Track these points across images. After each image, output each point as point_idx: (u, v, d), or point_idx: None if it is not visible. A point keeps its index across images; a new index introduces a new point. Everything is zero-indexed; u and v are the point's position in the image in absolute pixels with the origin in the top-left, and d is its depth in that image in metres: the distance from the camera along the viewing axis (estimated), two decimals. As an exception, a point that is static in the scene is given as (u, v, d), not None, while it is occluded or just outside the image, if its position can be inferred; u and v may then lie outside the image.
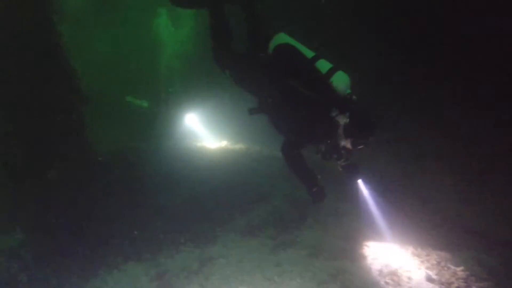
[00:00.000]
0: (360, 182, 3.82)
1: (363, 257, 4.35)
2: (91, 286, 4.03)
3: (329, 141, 3.33)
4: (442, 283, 3.92)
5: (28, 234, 4.78)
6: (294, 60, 3.34)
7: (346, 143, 3.24)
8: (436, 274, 4.08)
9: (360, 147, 3.26)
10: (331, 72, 3.25)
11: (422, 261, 4.35)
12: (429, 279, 4.00)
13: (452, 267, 4.19)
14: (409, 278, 4.03)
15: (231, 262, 4.31)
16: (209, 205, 5.61)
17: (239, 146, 9.34)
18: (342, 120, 3.18)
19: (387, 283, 3.93)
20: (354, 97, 3.24)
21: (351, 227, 4.99)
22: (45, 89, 5.03)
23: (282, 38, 3.53)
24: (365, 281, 3.91)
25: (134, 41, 12.62)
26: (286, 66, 3.34)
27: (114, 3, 12.72)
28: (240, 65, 3.78)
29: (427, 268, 4.22)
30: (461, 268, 4.16)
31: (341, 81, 3.23)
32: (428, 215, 5.30)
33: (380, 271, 4.11)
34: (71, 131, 5.30)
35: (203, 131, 10.21)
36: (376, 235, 4.81)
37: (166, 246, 4.61)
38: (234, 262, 4.31)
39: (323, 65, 3.31)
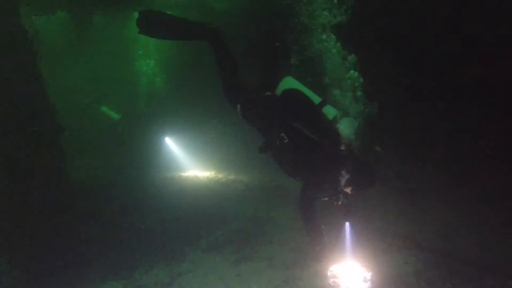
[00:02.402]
0: (347, 224, 4.17)
1: (311, 266, 5.06)
2: (74, 302, 4.58)
3: (329, 184, 3.46)
4: (374, 282, 4.71)
5: (10, 259, 5.22)
6: (302, 105, 3.43)
7: (346, 188, 3.39)
8: (372, 275, 4.87)
9: (358, 195, 3.45)
10: (338, 118, 3.41)
11: (362, 266, 5.14)
12: (365, 280, 4.79)
13: (386, 269, 5.00)
14: (349, 280, 4.80)
15: (197, 276, 4.96)
16: (179, 227, 6.28)
17: (208, 173, 10.03)
18: (344, 167, 3.29)
19: (329, 285, 4.68)
20: (358, 143, 3.37)
21: (303, 241, 5.73)
22: (24, 122, 5.53)
23: (290, 82, 3.60)
24: (311, 285, 4.65)
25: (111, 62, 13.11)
26: (293, 111, 3.42)
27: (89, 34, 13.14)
28: (249, 102, 3.72)
29: (365, 271, 5.01)
30: (393, 269, 4.99)
31: (347, 127, 3.34)
32: (371, 227, 6.12)
33: (325, 276, 4.85)
34: (50, 160, 5.77)
35: (176, 157, 10.75)
36: (324, 247, 5.56)
37: (141, 264, 5.23)
38: (200, 276, 4.97)
39: (330, 111, 3.44)
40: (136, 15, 3.66)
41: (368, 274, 4.88)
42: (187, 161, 10.63)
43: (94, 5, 10.64)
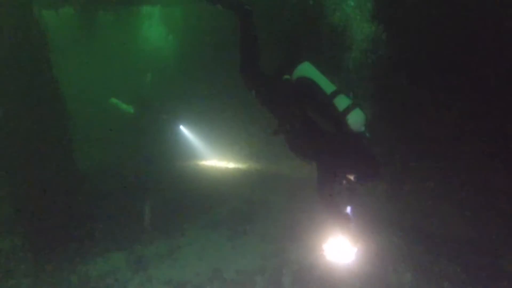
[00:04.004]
0: (349, 208, 4.16)
1: (300, 240, 5.41)
2: (80, 270, 4.96)
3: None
4: (361, 256, 5.02)
5: (25, 234, 5.61)
6: (313, 96, 3.47)
7: (349, 175, 3.49)
8: (358, 250, 5.19)
9: (360, 184, 3.58)
10: (348, 109, 3.39)
11: (350, 242, 5.46)
12: (352, 254, 5.10)
13: (372, 245, 5.33)
14: (336, 253, 5.12)
15: (195, 249, 5.34)
16: (178, 208, 6.62)
17: (208, 161, 10.37)
18: (350, 156, 3.40)
19: (318, 256, 5.02)
20: (367, 135, 3.43)
21: (293, 219, 6.06)
22: (37, 113, 5.93)
23: (306, 69, 3.65)
24: (300, 254, 5.00)
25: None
26: (304, 99, 3.51)
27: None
28: (265, 88, 3.77)
29: (353, 246, 5.33)
30: (377, 246, 5.32)
31: (356, 119, 3.37)
32: (360, 211, 6.44)
33: (313, 249, 5.18)
34: (59, 145, 6.15)
35: (178, 147, 10.96)
36: (315, 225, 5.89)
37: (142, 238, 5.61)
38: (197, 249, 5.34)
39: (342, 102, 3.44)
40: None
41: (355, 250, 5.20)
42: (188, 151, 10.91)
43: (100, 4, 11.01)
